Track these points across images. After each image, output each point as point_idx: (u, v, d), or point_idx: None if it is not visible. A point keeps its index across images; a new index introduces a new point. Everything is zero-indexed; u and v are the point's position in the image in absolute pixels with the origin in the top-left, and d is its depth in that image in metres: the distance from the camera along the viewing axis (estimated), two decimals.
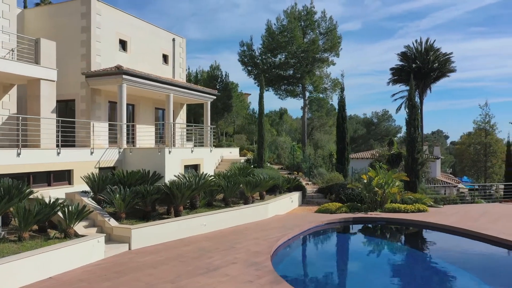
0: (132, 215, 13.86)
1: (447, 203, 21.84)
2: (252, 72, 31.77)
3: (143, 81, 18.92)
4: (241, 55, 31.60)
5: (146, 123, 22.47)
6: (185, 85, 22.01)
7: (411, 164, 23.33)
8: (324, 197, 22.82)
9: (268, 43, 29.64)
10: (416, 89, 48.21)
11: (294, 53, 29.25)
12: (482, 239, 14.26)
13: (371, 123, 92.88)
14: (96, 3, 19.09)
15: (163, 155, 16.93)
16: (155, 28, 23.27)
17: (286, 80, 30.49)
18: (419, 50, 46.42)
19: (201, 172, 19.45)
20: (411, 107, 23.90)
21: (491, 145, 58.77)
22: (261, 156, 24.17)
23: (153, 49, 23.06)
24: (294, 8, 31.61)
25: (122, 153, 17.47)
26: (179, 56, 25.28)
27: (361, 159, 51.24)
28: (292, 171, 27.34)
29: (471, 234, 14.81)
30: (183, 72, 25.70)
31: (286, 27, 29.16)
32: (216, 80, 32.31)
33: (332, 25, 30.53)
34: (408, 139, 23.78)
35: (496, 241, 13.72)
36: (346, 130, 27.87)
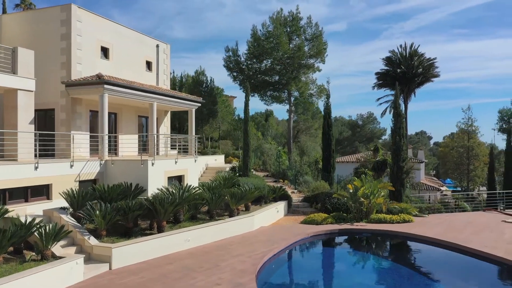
0: (113, 232, 13.46)
1: (431, 212, 21.91)
2: (237, 77, 31.49)
3: (125, 90, 18.48)
4: (227, 60, 31.27)
5: (129, 132, 22.00)
6: (169, 93, 21.61)
7: (396, 172, 23.36)
8: (310, 206, 22.68)
9: (253, 49, 29.39)
10: (400, 94, 48.68)
11: (279, 59, 29.05)
12: (466, 252, 14.28)
13: (356, 125, 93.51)
14: (76, 10, 18.57)
15: (146, 168, 16.53)
16: (138, 35, 22.81)
17: (272, 86, 30.30)
18: (403, 55, 46.81)
19: (185, 183, 19.10)
20: (396, 116, 23.94)
21: (473, 148, 59.58)
22: (246, 164, 23.93)
23: (136, 56, 22.60)
24: (280, 13, 31.44)
25: (103, 165, 17.01)
26: (163, 62, 24.85)
27: (346, 163, 51.42)
28: (277, 178, 27.17)
29: (456, 248, 14.82)
30: (167, 79, 25.28)
31: (271, 33, 28.96)
32: (201, 86, 31.92)
33: (318, 31, 30.45)
34: (394, 147, 23.81)
35: (481, 256, 13.74)
36: (332, 137, 27.83)
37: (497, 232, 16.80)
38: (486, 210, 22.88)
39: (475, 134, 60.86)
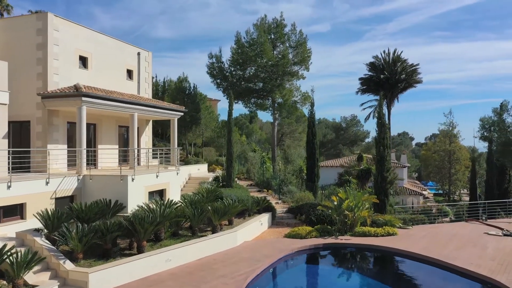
0: (90, 254, 12.93)
1: (415, 223, 21.90)
2: (221, 84, 31.05)
3: (104, 102, 17.91)
4: (210, 67, 30.82)
5: (109, 143, 21.38)
6: (150, 104, 21.09)
7: (380, 182, 23.32)
8: (294, 218, 22.44)
9: (237, 56, 29.00)
10: (384, 99, 48.96)
11: (264, 67, 28.76)
12: (452, 270, 14.21)
13: (340, 128, 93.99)
14: (53, 19, 17.91)
15: (126, 183, 16.02)
16: (118, 43, 22.21)
17: (256, 93, 29.98)
18: (387, 61, 47.13)
19: (167, 197, 18.65)
20: (380, 126, 23.90)
21: (455, 152, 60.39)
22: (230, 175, 23.55)
23: (117, 64, 22.00)
24: (264, 20, 31.14)
25: (81, 181, 16.42)
26: (145, 70, 24.28)
27: (330, 168, 51.46)
28: (261, 188, 26.87)
29: (441, 264, 14.75)
30: (149, 87, 24.72)
31: (255, 40, 28.61)
32: (183, 92, 31.38)
33: (302, 39, 30.26)
34: (378, 157, 23.77)
35: (466, 273, 13.68)
36: (316, 146, 27.66)
37: (480, 247, 16.81)
38: (468, 220, 22.99)
39: (456, 138, 61.75)
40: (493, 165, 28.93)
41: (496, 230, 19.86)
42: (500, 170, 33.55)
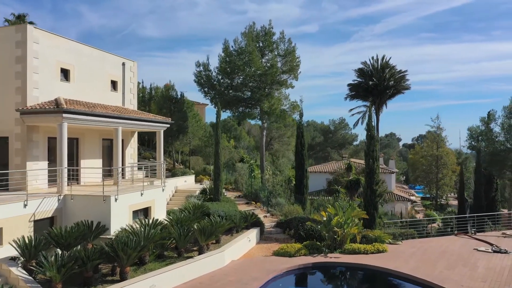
0: (70, 282, 12.33)
1: (405, 237, 21.69)
2: (209, 93, 30.53)
3: (87, 118, 17.29)
4: (197, 76, 30.25)
5: (92, 157, 20.74)
6: (135, 117, 20.50)
7: (369, 195, 23.06)
8: (283, 232, 22.05)
9: (225, 65, 28.51)
10: (372, 105, 48.99)
11: (252, 76, 28.33)
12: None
13: (328, 131, 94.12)
14: (33, 31, 17.23)
15: (109, 204, 15.45)
16: (102, 53, 21.57)
17: (244, 102, 29.54)
18: (375, 67, 47.13)
19: (152, 216, 18.11)
20: (369, 138, 23.63)
21: (442, 157, 60.74)
22: (217, 188, 23.09)
23: (100, 76, 21.35)
24: (252, 27, 30.70)
25: (62, 201, 15.80)
26: (130, 81, 23.67)
27: (319, 173, 51.30)
28: (250, 200, 26.44)
29: (430, 286, 14.49)
30: (134, 97, 24.11)
31: (243, 49, 28.15)
32: (170, 101, 30.78)
33: (291, 47, 29.89)
34: (367, 170, 23.50)
35: None
36: (305, 156, 27.36)
37: (470, 266, 16.61)
38: (457, 234, 22.87)
39: (444, 143, 62.12)
40: (481, 175, 28.92)
41: (485, 246, 19.74)
42: (488, 179, 33.66)
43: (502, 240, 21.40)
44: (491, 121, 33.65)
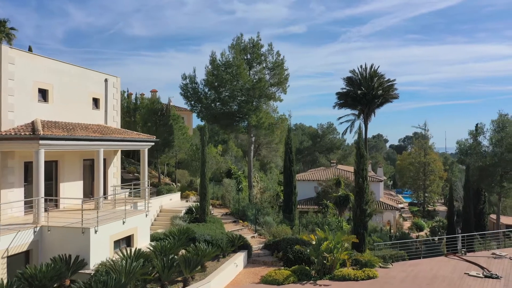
0: None
1: (395, 259, 21.30)
2: (195, 106, 29.77)
3: (65, 143, 16.46)
4: (184, 88, 29.48)
5: (73, 179, 19.88)
6: (117, 138, 19.69)
7: (359, 215, 22.65)
8: (271, 255, 21.47)
9: (212, 79, 27.80)
10: (360, 114, 48.83)
11: (240, 90, 27.69)
12: None
13: (316, 135, 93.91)
14: (8, 51, 16.34)
15: (88, 237, 14.67)
16: (83, 71, 20.71)
17: (232, 116, 28.88)
18: (364, 76, 46.90)
19: (134, 244, 17.36)
20: (359, 157, 23.19)
21: (429, 163, 61.08)
22: (203, 209, 22.42)
23: (81, 94, 20.50)
24: (240, 39, 30.05)
25: (38, 233, 14.96)
26: (113, 97, 22.83)
27: (307, 181, 50.89)
28: (237, 218, 25.81)
29: None
30: (118, 114, 23.27)
31: (231, 63, 27.47)
32: (156, 114, 29.97)
33: (279, 60, 29.31)
34: (357, 189, 23.06)
35: None
36: (293, 173, 26.87)
37: None
38: (448, 255, 22.56)
39: (431, 150, 62.45)
40: (470, 190, 28.74)
41: (476, 270, 19.43)
42: (476, 191, 33.57)
43: (493, 261, 21.14)
44: (479, 134, 33.65)
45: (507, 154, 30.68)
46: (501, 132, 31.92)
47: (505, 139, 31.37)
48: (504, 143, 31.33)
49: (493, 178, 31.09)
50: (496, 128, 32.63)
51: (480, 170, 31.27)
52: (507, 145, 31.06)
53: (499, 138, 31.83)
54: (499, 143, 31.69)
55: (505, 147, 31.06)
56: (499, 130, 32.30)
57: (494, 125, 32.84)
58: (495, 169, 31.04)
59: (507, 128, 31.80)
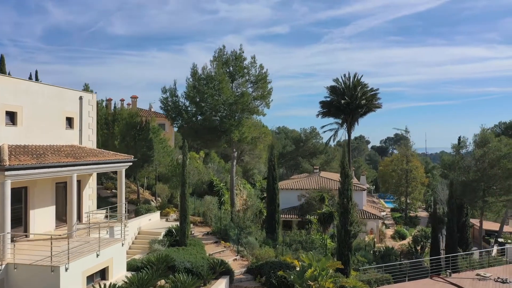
0: None
1: (380, 283, 20.91)
2: (176, 121, 28.82)
3: (34, 171, 15.44)
4: (164, 102, 28.52)
5: (44, 205, 18.79)
6: (92, 161, 18.69)
7: (344, 236, 22.21)
8: (254, 279, 20.83)
9: (193, 93, 26.89)
10: (343, 123, 48.60)
11: (222, 104, 26.88)
12: None
13: (299, 140, 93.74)
14: None
15: (58, 275, 13.70)
16: (56, 90, 19.64)
17: (213, 131, 28.04)
18: (347, 85, 46.64)
19: (109, 277, 16.44)
20: (344, 176, 22.73)
21: (411, 170, 61.39)
22: (184, 232, 21.60)
23: (54, 114, 19.42)
24: (222, 51, 29.24)
25: (4, 271, 13.93)
26: (88, 115, 21.78)
27: (290, 190, 50.42)
28: (219, 238, 25.05)
29: None
30: (93, 133, 22.23)
31: (213, 77, 26.63)
32: (135, 128, 28.92)
33: (262, 73, 28.60)
34: (341, 210, 22.59)
35: None
36: (277, 190, 26.32)
37: None
38: (432, 277, 22.25)
39: (413, 157, 62.81)
40: (453, 207, 28.63)
41: None
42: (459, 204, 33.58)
43: (478, 284, 20.91)
44: (461, 148, 33.70)
45: (490, 169, 30.83)
46: (483, 147, 32.04)
47: (487, 154, 31.51)
48: (486, 158, 31.48)
49: (476, 194, 31.16)
50: (480, 143, 32.74)
51: (463, 185, 31.29)
52: (490, 160, 31.22)
53: (482, 153, 31.93)
54: (482, 158, 31.81)
55: (487, 162, 31.22)
56: (482, 145, 32.43)
57: (477, 140, 32.96)
58: (478, 185, 31.13)
59: (490, 143, 31.96)
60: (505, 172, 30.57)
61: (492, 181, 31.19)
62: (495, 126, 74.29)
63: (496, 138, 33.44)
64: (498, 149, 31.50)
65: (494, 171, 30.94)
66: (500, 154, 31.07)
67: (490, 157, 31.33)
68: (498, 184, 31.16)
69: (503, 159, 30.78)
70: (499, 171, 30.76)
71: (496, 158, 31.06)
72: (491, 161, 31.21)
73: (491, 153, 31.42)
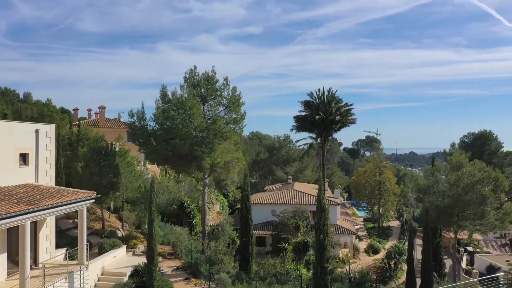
0: None
1: None
2: (144, 146, 27.23)
3: None
4: (131, 127, 26.88)
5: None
6: (47, 206, 17.02)
7: (320, 273, 21.36)
8: None
9: (162, 119, 25.43)
10: (317, 138, 48.06)
11: (193, 130, 25.53)
12: None
13: (273, 148, 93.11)
14: None
15: None
16: (8, 124, 17.98)
17: (184, 158, 26.66)
18: (322, 100, 46.09)
19: None
20: (319, 211, 21.88)
21: (384, 182, 61.66)
22: (150, 273, 20.14)
23: (5, 151, 17.65)
24: (193, 72, 27.88)
25: None
26: (45, 148, 20.02)
27: (264, 205, 49.45)
28: (189, 274, 23.70)
29: None
30: (51, 167, 20.47)
31: (183, 102, 25.20)
32: (100, 153, 27.14)
33: (236, 96, 27.44)
34: (317, 246, 21.71)
35: None
36: (251, 221, 25.24)
37: None
38: None
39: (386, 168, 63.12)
40: (429, 234, 28.37)
41: None
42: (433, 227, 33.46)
43: None
44: (436, 170, 33.61)
45: (464, 195, 30.81)
46: (457, 172, 32.04)
47: (462, 179, 31.51)
48: (461, 183, 31.47)
49: (451, 219, 31.09)
50: (454, 167, 32.72)
51: (438, 211, 31.17)
52: (464, 186, 31.23)
53: (457, 178, 31.90)
54: (456, 183, 31.77)
55: (462, 187, 31.20)
56: (456, 168, 32.42)
57: (452, 164, 32.94)
58: (453, 210, 31.07)
59: (464, 168, 31.99)
60: (479, 197, 30.63)
61: (466, 206, 31.18)
62: (464, 136, 75.91)
63: (470, 163, 33.53)
64: (472, 174, 31.56)
65: (469, 197, 30.94)
66: (474, 179, 31.14)
67: (465, 182, 31.34)
68: (472, 209, 31.19)
69: (477, 184, 30.86)
70: (473, 197, 30.80)
71: (470, 183, 31.10)
72: (465, 186, 31.22)
73: (465, 178, 31.43)
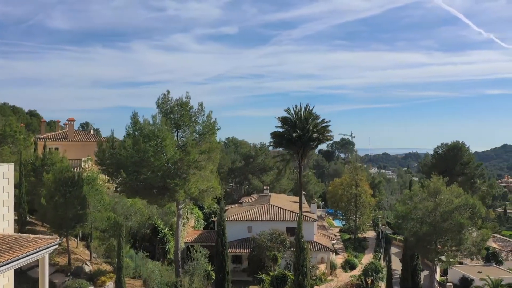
0: None
1: None
2: (114, 176, 25.75)
3: None
4: (99, 156, 25.29)
5: None
6: (3, 263, 15.49)
7: None
8: None
9: (132, 152, 24.01)
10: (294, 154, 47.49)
11: (166, 163, 24.25)
12: None
13: (249, 156, 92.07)
14: None
15: None
16: None
17: (156, 189, 25.36)
18: (299, 116, 45.52)
19: None
20: (299, 251, 21.12)
21: (360, 195, 61.71)
22: None
23: None
24: (166, 97, 26.58)
25: None
26: (3, 191, 18.40)
27: (239, 221, 48.42)
28: None
29: None
30: (10, 211, 18.84)
31: (156, 134, 23.81)
32: (66, 185, 25.43)
33: (211, 123, 26.33)
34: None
35: None
36: (227, 257, 24.15)
37: None
38: None
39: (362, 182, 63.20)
40: (407, 261, 28.12)
41: None
42: None
43: None
44: (413, 195, 33.50)
45: (442, 222, 30.69)
46: (436, 198, 31.96)
47: (439, 207, 31.44)
48: (439, 211, 31.37)
49: (429, 247, 30.94)
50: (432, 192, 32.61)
51: (417, 238, 30.94)
52: (442, 213, 31.12)
53: (435, 205, 31.77)
54: (434, 211, 31.64)
55: (440, 215, 31.09)
56: (434, 194, 32.30)
57: (429, 190, 32.81)
58: (431, 238, 30.91)
59: (441, 195, 31.93)
60: (456, 225, 30.57)
61: (445, 234, 31.08)
62: (437, 147, 76.83)
63: (448, 188, 33.47)
64: (450, 201, 31.50)
65: (447, 225, 30.85)
66: (452, 207, 31.06)
67: (443, 210, 31.24)
68: (450, 235, 31.10)
69: (454, 211, 30.78)
70: (451, 225, 30.72)
71: (448, 211, 31.01)
72: (443, 213, 31.12)
73: (444, 206, 31.34)
